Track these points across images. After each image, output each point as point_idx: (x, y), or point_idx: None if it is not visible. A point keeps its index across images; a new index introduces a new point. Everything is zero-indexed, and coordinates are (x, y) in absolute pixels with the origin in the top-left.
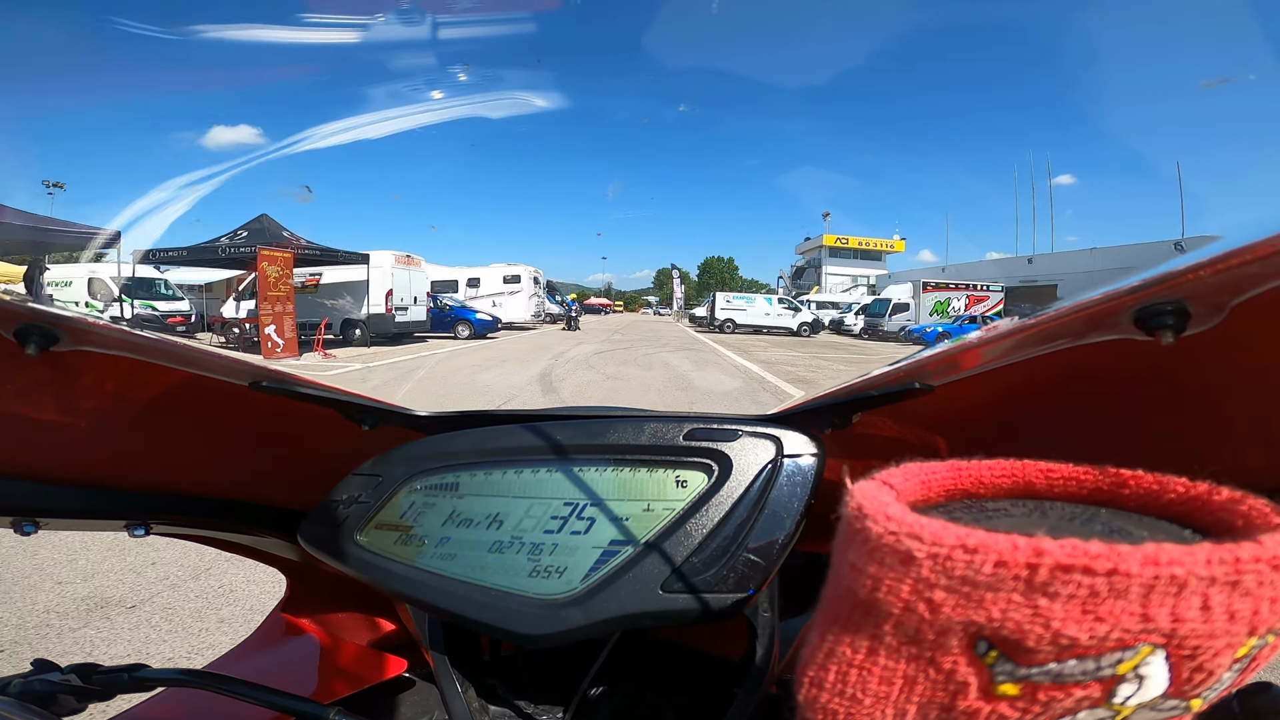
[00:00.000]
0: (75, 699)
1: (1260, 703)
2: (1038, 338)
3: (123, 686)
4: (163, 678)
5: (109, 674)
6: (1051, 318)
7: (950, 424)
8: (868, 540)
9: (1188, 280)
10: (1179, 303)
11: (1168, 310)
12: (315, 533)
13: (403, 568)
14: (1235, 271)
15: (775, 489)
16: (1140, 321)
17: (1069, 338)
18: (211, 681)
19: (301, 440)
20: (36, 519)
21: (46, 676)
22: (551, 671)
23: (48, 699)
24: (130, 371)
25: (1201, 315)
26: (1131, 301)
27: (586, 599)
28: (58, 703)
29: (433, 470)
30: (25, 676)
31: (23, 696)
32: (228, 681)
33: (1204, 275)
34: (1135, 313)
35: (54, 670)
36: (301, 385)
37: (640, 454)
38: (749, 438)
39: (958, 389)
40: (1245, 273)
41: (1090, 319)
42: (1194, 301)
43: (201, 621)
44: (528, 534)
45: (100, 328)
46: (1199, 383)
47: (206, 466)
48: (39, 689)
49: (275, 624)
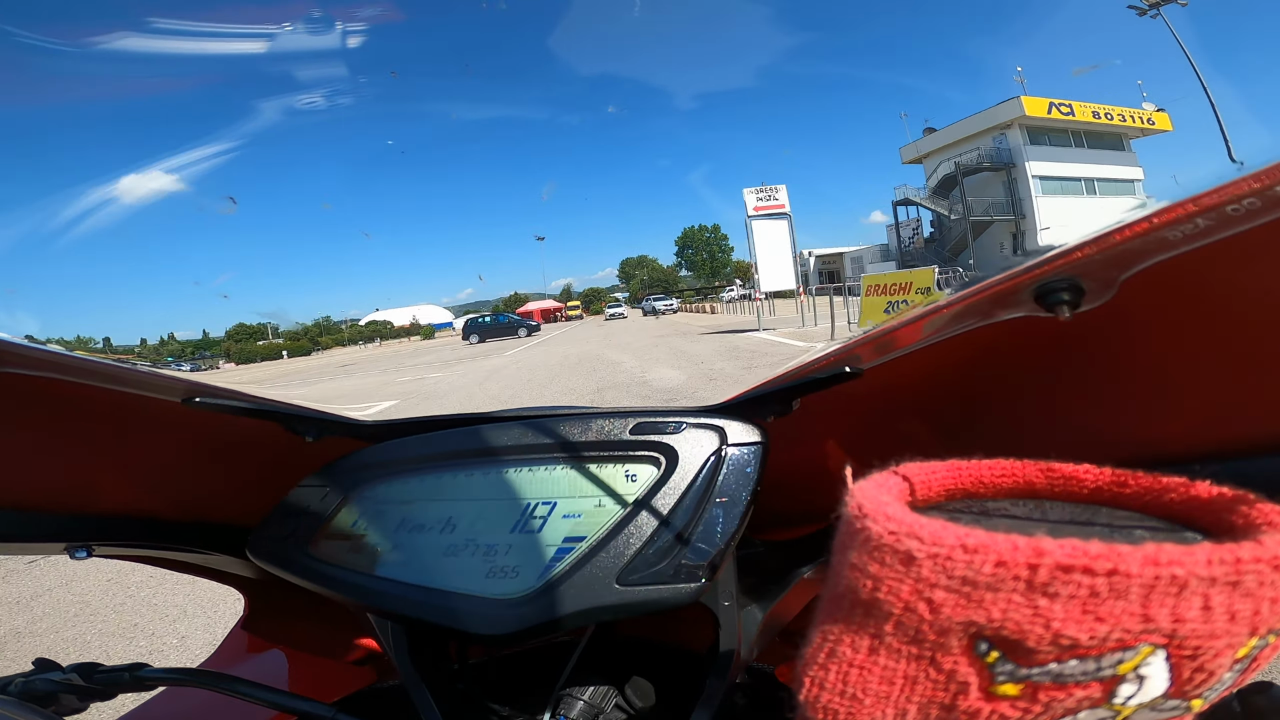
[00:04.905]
0: (77, 698)
1: (1261, 702)
2: (950, 318)
3: (124, 686)
4: (164, 677)
5: (110, 673)
6: (961, 297)
7: (884, 406)
8: (868, 540)
9: (1078, 258)
10: (1072, 279)
11: (1063, 287)
12: (265, 547)
13: (357, 576)
14: (1119, 247)
15: (721, 478)
16: (1040, 299)
17: (978, 317)
18: (213, 681)
19: (243, 455)
20: None
21: (48, 675)
22: (525, 674)
23: (49, 698)
24: (59, 392)
25: (1094, 290)
26: (1030, 280)
27: (544, 596)
28: (59, 702)
29: (381, 477)
30: (27, 676)
31: (24, 696)
32: (229, 681)
33: (1091, 253)
34: (1035, 290)
35: (55, 669)
36: (237, 399)
37: (589, 450)
38: (693, 429)
39: (888, 371)
40: (1129, 248)
41: (995, 298)
42: (1085, 277)
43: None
44: (481, 535)
45: (25, 349)
46: (1103, 357)
47: (146, 485)
48: (40, 688)
49: (237, 642)
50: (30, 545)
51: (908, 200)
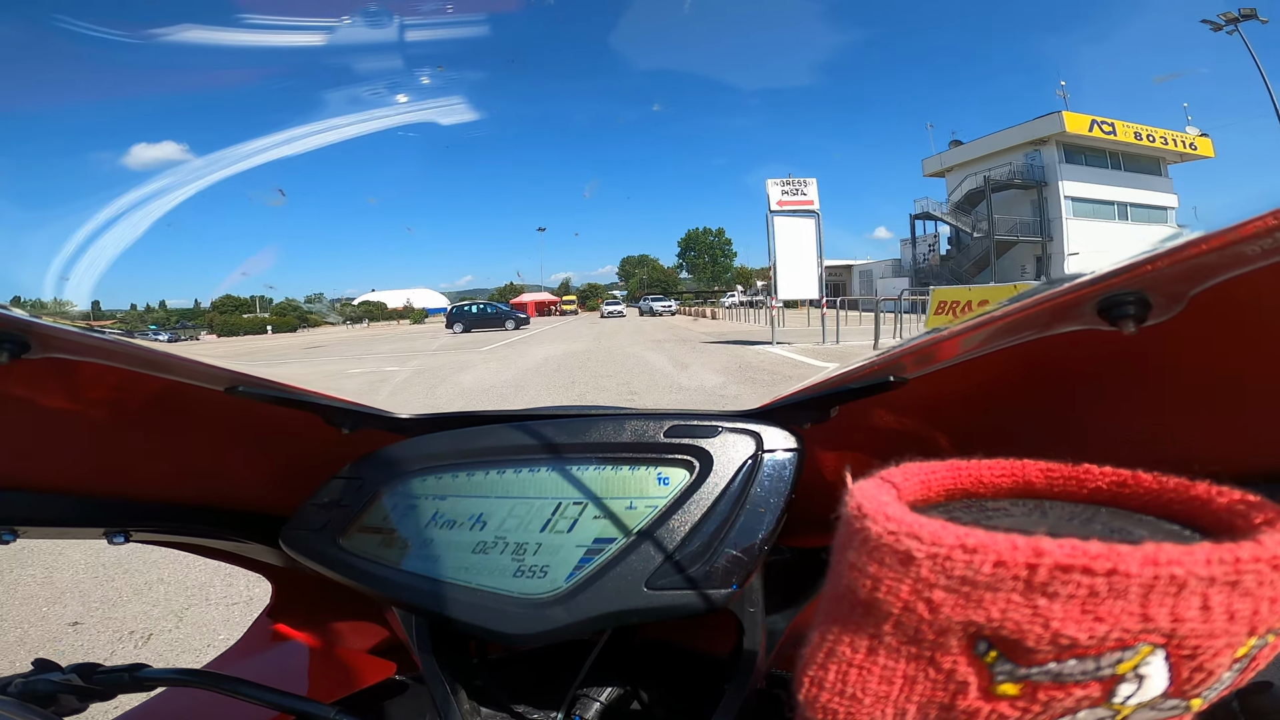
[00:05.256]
0: (76, 698)
1: (1261, 702)
2: (1006, 329)
3: (123, 686)
4: (163, 677)
5: (110, 674)
6: (1018, 309)
7: (926, 416)
8: (867, 540)
9: (1147, 271)
10: (1139, 293)
11: (1129, 300)
12: (297, 537)
13: (386, 570)
14: (1192, 262)
15: (756, 484)
16: (1103, 312)
17: (1035, 329)
18: (212, 681)
19: (281, 445)
20: (15, 528)
21: (47, 676)
22: (542, 672)
23: (49, 699)
24: (104, 378)
25: (1162, 305)
26: (1094, 292)
27: (571, 598)
28: (59, 702)
29: (414, 472)
30: (26, 676)
31: (24, 696)
32: (229, 681)
33: (1162, 266)
34: (1098, 303)
35: (55, 670)
36: (279, 389)
37: (622, 452)
38: (729, 434)
39: (933, 381)
40: (1202, 263)
41: (1055, 310)
42: (1154, 292)
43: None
44: (511, 534)
45: (72, 334)
46: (1164, 372)
47: (185, 473)
48: (40, 689)
49: (262, 629)
50: (70, 530)
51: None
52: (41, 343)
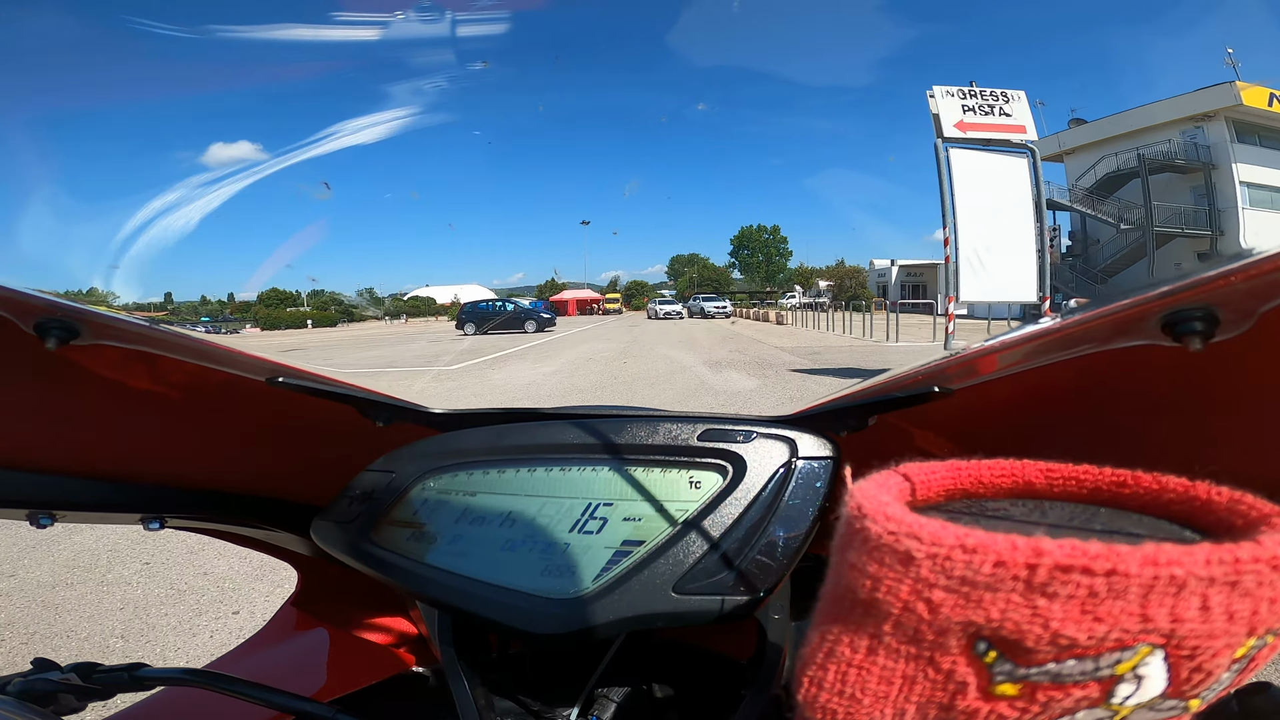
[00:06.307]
0: (75, 698)
1: (1259, 703)
2: (1062, 342)
3: (123, 685)
4: (163, 677)
5: (109, 673)
6: (1077, 322)
7: (969, 428)
8: (867, 540)
9: (1219, 286)
10: (1209, 309)
11: (1197, 316)
12: (328, 529)
13: (414, 565)
14: (1266, 278)
15: (789, 491)
16: (1168, 327)
17: (1094, 343)
18: (212, 680)
19: (317, 436)
20: (53, 512)
21: (46, 675)
22: (559, 669)
23: (48, 698)
24: (149, 366)
25: (1230, 322)
26: (1160, 307)
27: (599, 599)
28: (58, 702)
29: (446, 468)
30: (25, 675)
31: (23, 695)
32: (228, 680)
33: (1235, 281)
34: (1164, 318)
35: (54, 669)
36: (318, 382)
37: (654, 454)
38: (763, 439)
39: (978, 393)
40: (1274, 279)
41: (1117, 324)
42: (1224, 308)
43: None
44: (540, 533)
45: (120, 322)
46: (1223, 389)
47: (222, 461)
48: (39, 688)
49: (286, 618)
50: (108, 515)
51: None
52: (91, 330)
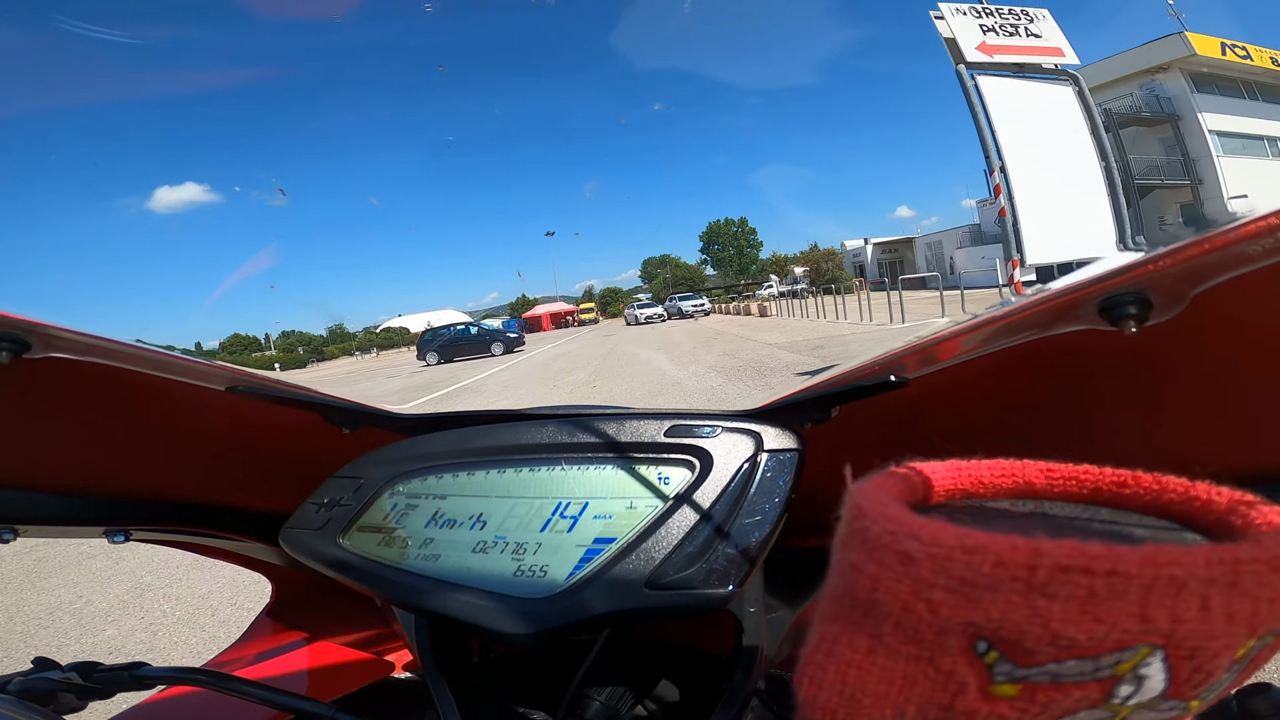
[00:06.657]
0: (76, 697)
1: (1259, 703)
2: (1008, 329)
3: (123, 685)
4: (163, 676)
5: (109, 672)
6: (1020, 308)
7: (928, 416)
8: (867, 540)
9: (1149, 271)
10: (1141, 293)
11: (1130, 300)
12: (297, 536)
13: (386, 570)
14: (1194, 261)
15: (755, 484)
16: (1105, 312)
17: (1037, 329)
18: (212, 680)
19: (281, 444)
20: (14, 526)
21: (47, 674)
22: (541, 671)
23: (48, 697)
24: (105, 378)
25: (1163, 305)
26: (1096, 292)
27: (571, 597)
28: (58, 701)
29: (414, 472)
30: (26, 674)
31: (23, 694)
32: (228, 680)
33: (1165, 265)
34: (1100, 303)
35: (54, 668)
36: (279, 389)
37: (622, 451)
38: (728, 433)
39: (935, 381)
40: (1204, 262)
41: (1057, 310)
42: (1156, 291)
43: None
44: (511, 534)
45: (72, 334)
46: (1166, 372)
47: (185, 472)
48: (40, 687)
49: (262, 628)
50: (70, 529)
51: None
52: (42, 342)
